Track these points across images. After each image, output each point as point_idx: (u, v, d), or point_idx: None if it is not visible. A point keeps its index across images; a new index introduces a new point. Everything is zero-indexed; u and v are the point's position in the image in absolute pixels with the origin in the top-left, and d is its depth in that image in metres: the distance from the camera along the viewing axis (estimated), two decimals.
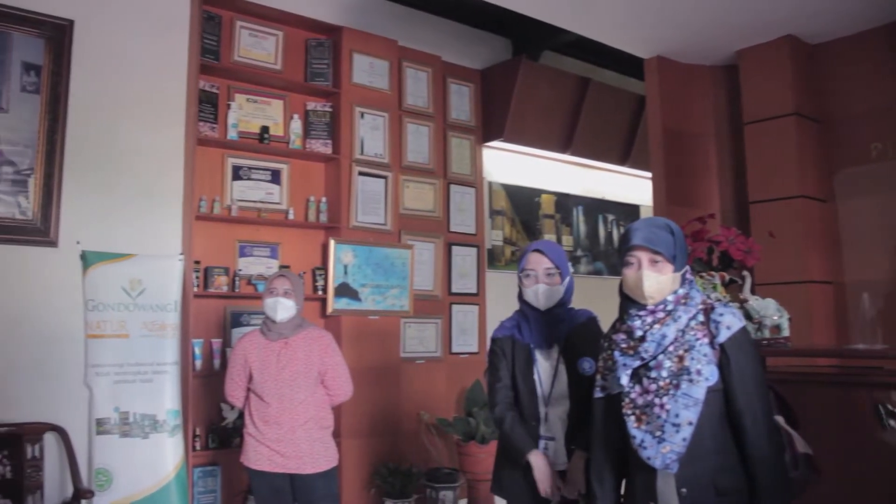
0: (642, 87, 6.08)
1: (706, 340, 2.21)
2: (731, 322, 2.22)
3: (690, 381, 2.14)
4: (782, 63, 5.19)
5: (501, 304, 6.10)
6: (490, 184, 6.37)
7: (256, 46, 5.11)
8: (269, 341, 3.72)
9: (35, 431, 4.12)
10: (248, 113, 5.04)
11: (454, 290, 5.96)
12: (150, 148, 4.62)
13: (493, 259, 6.28)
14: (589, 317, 2.99)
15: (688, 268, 2.35)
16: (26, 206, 4.22)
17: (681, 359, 2.18)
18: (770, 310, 3.52)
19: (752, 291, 3.68)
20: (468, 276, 6.05)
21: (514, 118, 6.10)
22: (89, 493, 4.04)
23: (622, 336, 2.30)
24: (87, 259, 4.33)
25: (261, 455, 3.64)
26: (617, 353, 2.29)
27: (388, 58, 5.51)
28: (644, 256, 2.25)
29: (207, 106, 4.84)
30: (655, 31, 5.22)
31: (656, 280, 2.23)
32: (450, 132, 5.99)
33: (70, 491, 4.11)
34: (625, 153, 7.10)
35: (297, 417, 3.64)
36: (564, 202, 6.95)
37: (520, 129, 6.18)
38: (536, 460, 2.78)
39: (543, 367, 2.91)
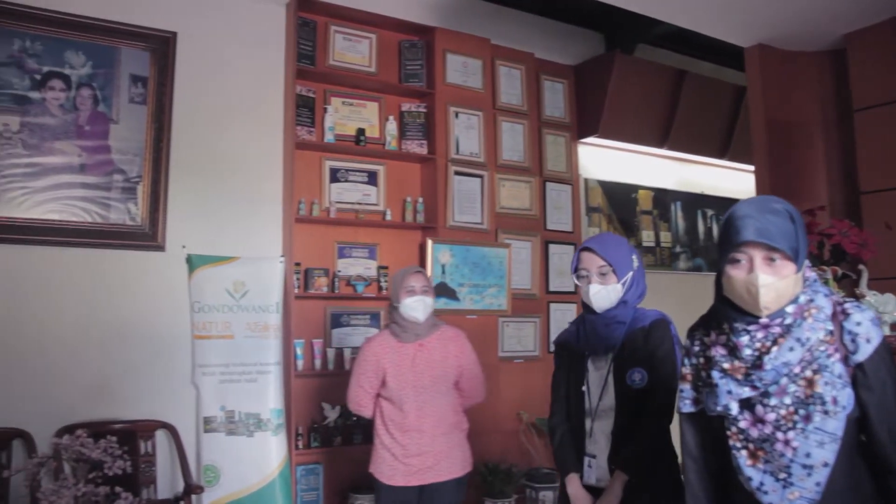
0: (741, 77, 5.89)
1: (839, 356, 1.77)
2: (870, 333, 1.77)
3: (825, 412, 1.72)
4: (894, 45, 4.93)
5: None
6: (586, 181, 6.28)
7: (351, 50, 5.16)
8: (402, 343, 3.48)
9: (147, 428, 4.27)
10: (344, 116, 5.09)
11: (552, 288, 5.88)
12: (250, 153, 4.74)
13: None
14: (654, 319, 2.69)
15: (807, 262, 1.86)
16: (135, 212, 4.37)
17: (810, 383, 1.75)
18: (890, 305, 3.30)
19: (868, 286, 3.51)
20: (566, 275, 5.95)
21: (610, 113, 5.99)
22: (199, 489, 4.16)
23: (722, 352, 1.87)
24: (193, 262, 4.46)
25: (396, 471, 3.42)
26: (717, 374, 1.86)
27: (480, 56, 5.48)
28: (758, 254, 1.78)
29: (305, 110, 4.91)
30: (756, 18, 5.03)
31: (774, 287, 1.76)
32: (544, 129, 5.92)
33: (181, 486, 4.25)
34: (724, 146, 6.89)
35: (439, 425, 3.43)
36: (662, 198, 6.79)
37: (615, 125, 6.06)
38: (571, 488, 2.68)
39: (593, 378, 2.70)
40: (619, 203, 6.49)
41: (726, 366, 1.84)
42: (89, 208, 4.27)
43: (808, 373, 1.77)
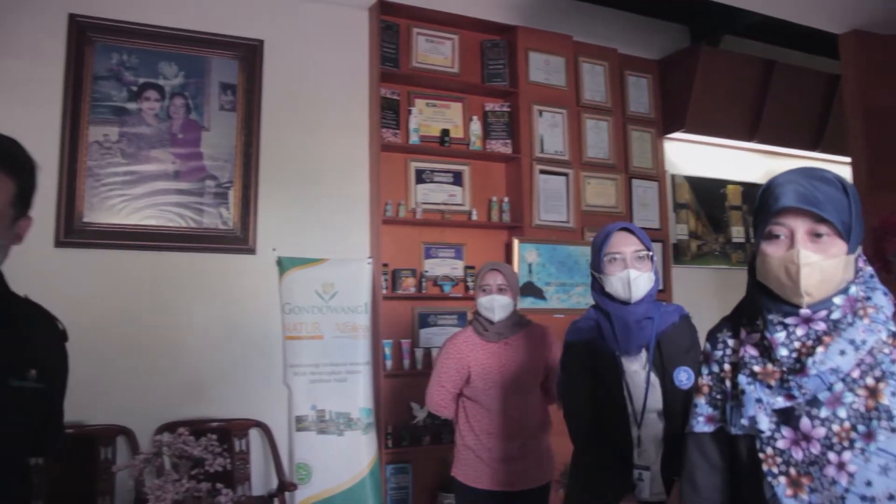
0: (834, 65, 5.69)
1: None
2: None
3: (892, 429, 1.36)
4: None
5: (689, 300, 5.87)
6: (673, 177, 6.16)
7: (433, 51, 5.18)
8: (486, 342, 3.34)
9: (242, 427, 4.38)
10: (428, 117, 5.12)
11: None
12: (337, 156, 4.81)
13: (678, 254, 6.06)
14: (682, 314, 2.50)
15: (860, 252, 1.51)
16: (227, 216, 4.48)
17: (872, 392, 1.39)
18: None
19: None
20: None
21: (696, 108, 5.86)
22: (292, 486, 4.24)
23: (753, 352, 1.52)
24: (283, 265, 4.55)
25: (481, 474, 3.27)
26: (744, 379, 1.51)
27: (563, 54, 5.44)
28: (801, 226, 1.45)
29: (389, 112, 4.96)
30: (850, 2, 4.86)
31: (819, 267, 1.42)
32: (629, 126, 5.83)
33: (274, 483, 4.35)
34: (816, 138, 6.65)
35: (525, 427, 3.27)
36: (752, 192, 6.59)
37: (702, 119, 5.93)
38: None
39: (633, 380, 2.40)
40: (708, 199, 6.34)
41: (757, 369, 1.49)
42: (184, 213, 4.41)
43: (870, 380, 1.40)
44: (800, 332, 1.45)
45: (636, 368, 2.41)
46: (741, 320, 1.61)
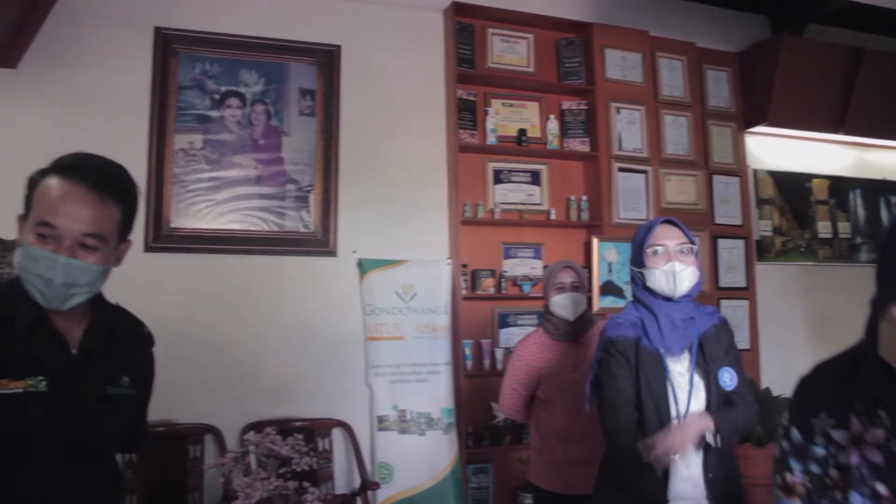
0: None
1: None
2: None
3: None
4: None
5: (775, 299, 5.74)
6: (755, 171, 6.00)
7: (509, 51, 5.17)
8: (556, 342, 3.25)
9: (325, 427, 4.44)
10: (505, 117, 5.11)
11: (722, 284, 5.65)
12: (415, 158, 4.85)
13: (762, 251, 5.90)
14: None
15: None
16: (308, 219, 4.56)
17: None
18: None
19: None
20: (736, 270, 5.72)
21: (778, 100, 5.69)
22: (375, 485, 4.28)
23: (875, 459, 1.09)
24: (364, 266, 4.60)
25: (557, 477, 3.17)
26: (858, 499, 1.10)
27: (640, 50, 5.36)
28: None
29: (466, 113, 4.96)
30: None
31: None
32: (709, 121, 5.70)
33: (357, 482, 4.41)
34: None
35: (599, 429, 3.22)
36: (839, 186, 6.39)
37: (785, 112, 5.76)
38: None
39: (678, 381, 2.30)
40: (792, 193, 6.16)
41: (882, 490, 1.07)
42: (266, 217, 4.50)
43: None
44: None
45: (680, 370, 2.32)
46: (852, 400, 1.15)
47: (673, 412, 2.28)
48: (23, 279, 1.54)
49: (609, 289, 4.97)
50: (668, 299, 2.34)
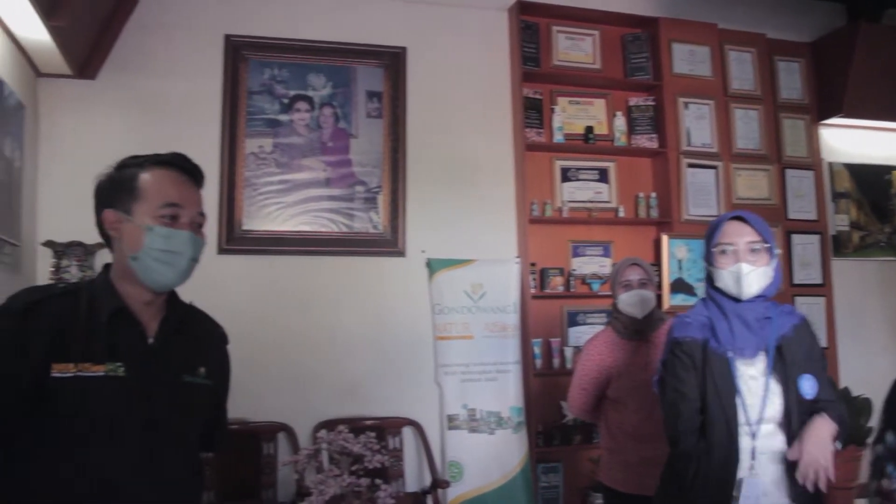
0: None
1: None
2: None
3: None
4: None
5: (853, 296, 5.57)
6: (830, 164, 5.83)
7: (574, 48, 5.14)
8: (625, 341, 3.19)
9: (395, 425, 4.47)
10: (571, 115, 5.08)
11: (796, 280, 5.50)
12: (482, 158, 4.86)
13: (838, 246, 5.74)
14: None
15: None
16: (377, 220, 4.61)
17: None
18: None
19: None
20: (811, 266, 5.57)
21: (855, 90, 5.51)
22: (445, 484, 4.30)
23: None
24: (432, 266, 4.63)
25: (629, 478, 3.09)
26: None
27: (708, 43, 5.27)
28: None
29: (532, 112, 4.95)
30: None
31: None
32: (781, 113, 5.57)
33: (427, 480, 4.43)
34: None
35: None
36: None
37: (861, 102, 5.57)
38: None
39: (749, 386, 2.15)
40: (871, 187, 5.96)
41: None
42: (335, 219, 4.56)
43: None
44: None
45: (753, 373, 2.16)
46: None
47: (742, 419, 2.13)
48: (143, 263, 1.67)
49: (679, 286, 4.89)
50: (738, 299, 2.20)
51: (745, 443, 2.12)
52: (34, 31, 3.64)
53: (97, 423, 1.59)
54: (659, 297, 4.82)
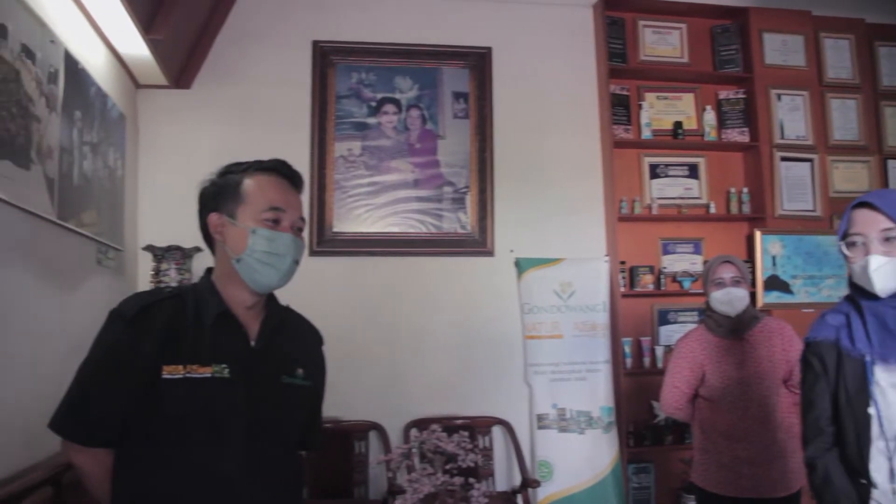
0: None
1: None
2: None
3: None
4: None
5: None
6: None
7: (661, 43, 5.06)
8: (719, 339, 3.13)
9: (485, 424, 4.49)
10: (659, 110, 5.01)
11: None
12: (569, 156, 4.84)
13: None
14: None
15: None
16: (465, 220, 4.63)
17: None
18: None
19: None
20: None
21: None
22: (535, 483, 4.28)
23: None
24: (521, 266, 4.63)
25: (723, 479, 3.03)
26: None
27: (801, 31, 5.10)
28: None
29: (620, 108, 4.90)
30: None
31: None
32: (882, 102, 5.33)
33: (516, 480, 4.43)
34: None
35: (769, 430, 2.99)
36: None
37: None
38: None
39: (887, 396, 1.87)
40: None
41: None
42: (424, 220, 4.61)
43: None
44: None
45: (893, 379, 1.88)
46: None
47: (875, 432, 1.88)
48: (247, 264, 1.74)
49: (773, 284, 4.76)
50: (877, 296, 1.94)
51: (878, 463, 1.88)
52: (134, 45, 3.81)
53: (205, 423, 1.64)
54: (753, 295, 4.74)
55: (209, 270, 1.83)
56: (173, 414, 1.62)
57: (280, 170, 1.82)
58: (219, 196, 1.79)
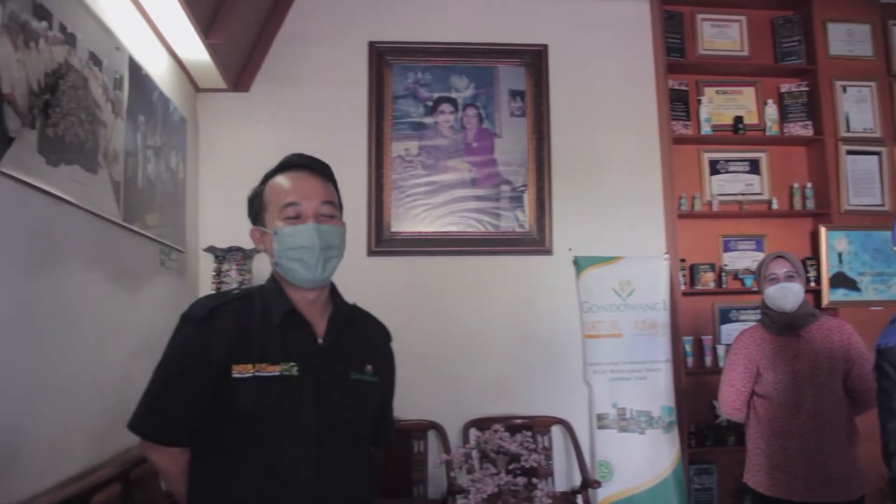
0: None
1: None
2: None
3: None
4: None
5: None
6: None
7: (720, 36, 4.98)
8: (775, 336, 3.07)
9: (544, 424, 4.48)
10: (719, 105, 4.93)
11: None
12: (627, 153, 4.79)
13: None
14: None
15: None
16: (523, 219, 4.62)
17: None
18: None
19: None
20: None
21: None
22: (596, 483, 4.25)
23: None
24: (580, 264, 4.60)
25: (777, 481, 2.96)
26: None
27: (868, 20, 4.95)
28: None
29: (678, 104, 4.84)
30: None
31: None
32: None
33: (576, 480, 4.41)
34: None
35: (825, 431, 2.91)
36: None
37: None
38: None
39: None
40: None
41: None
42: (481, 219, 4.60)
43: None
44: None
45: None
46: None
47: None
48: (282, 265, 1.76)
49: (840, 281, 4.65)
50: None
51: None
52: (194, 50, 3.88)
53: (275, 421, 1.66)
54: (818, 294, 4.64)
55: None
56: (243, 412, 1.64)
57: (296, 163, 1.82)
58: (252, 208, 1.84)
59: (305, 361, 1.71)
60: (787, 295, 3.03)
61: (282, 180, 1.79)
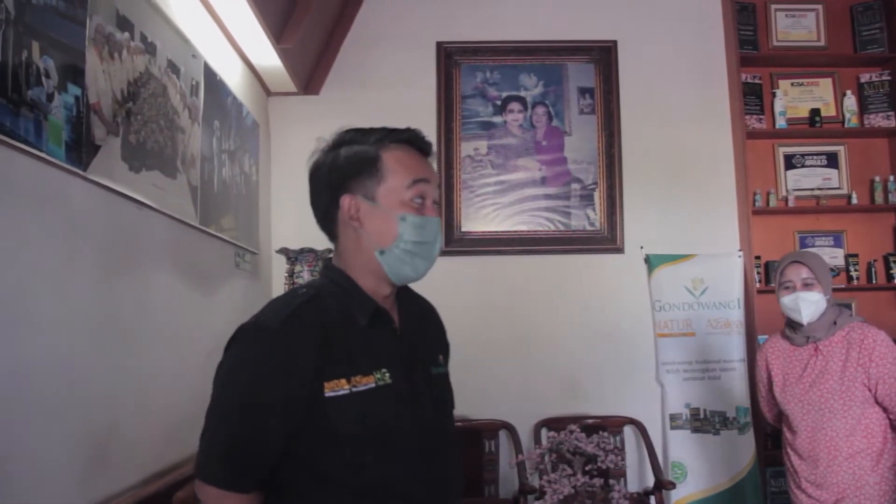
0: None
1: None
2: None
3: None
4: None
5: None
6: None
7: (795, 26, 4.86)
8: (794, 347, 2.89)
9: (615, 424, 4.44)
10: (794, 98, 4.81)
11: None
12: (699, 148, 4.71)
13: None
14: None
15: None
16: (594, 217, 4.59)
17: None
18: None
19: None
20: None
21: None
22: (671, 485, 4.19)
23: None
24: (652, 262, 4.55)
25: (798, 500, 2.85)
26: None
27: None
28: None
29: (752, 98, 4.74)
30: None
31: None
32: None
33: (648, 480, 4.36)
34: None
35: (838, 450, 2.71)
36: None
37: None
38: None
39: None
40: None
41: None
42: (552, 217, 4.59)
43: None
44: None
45: None
46: None
47: None
48: (394, 255, 1.51)
49: None
50: None
51: None
52: (266, 55, 3.96)
53: (378, 439, 1.44)
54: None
55: (329, 262, 1.61)
56: (340, 434, 1.41)
57: (414, 142, 1.58)
58: (350, 174, 1.54)
59: (394, 365, 1.49)
60: (802, 306, 2.80)
61: (407, 155, 1.54)
